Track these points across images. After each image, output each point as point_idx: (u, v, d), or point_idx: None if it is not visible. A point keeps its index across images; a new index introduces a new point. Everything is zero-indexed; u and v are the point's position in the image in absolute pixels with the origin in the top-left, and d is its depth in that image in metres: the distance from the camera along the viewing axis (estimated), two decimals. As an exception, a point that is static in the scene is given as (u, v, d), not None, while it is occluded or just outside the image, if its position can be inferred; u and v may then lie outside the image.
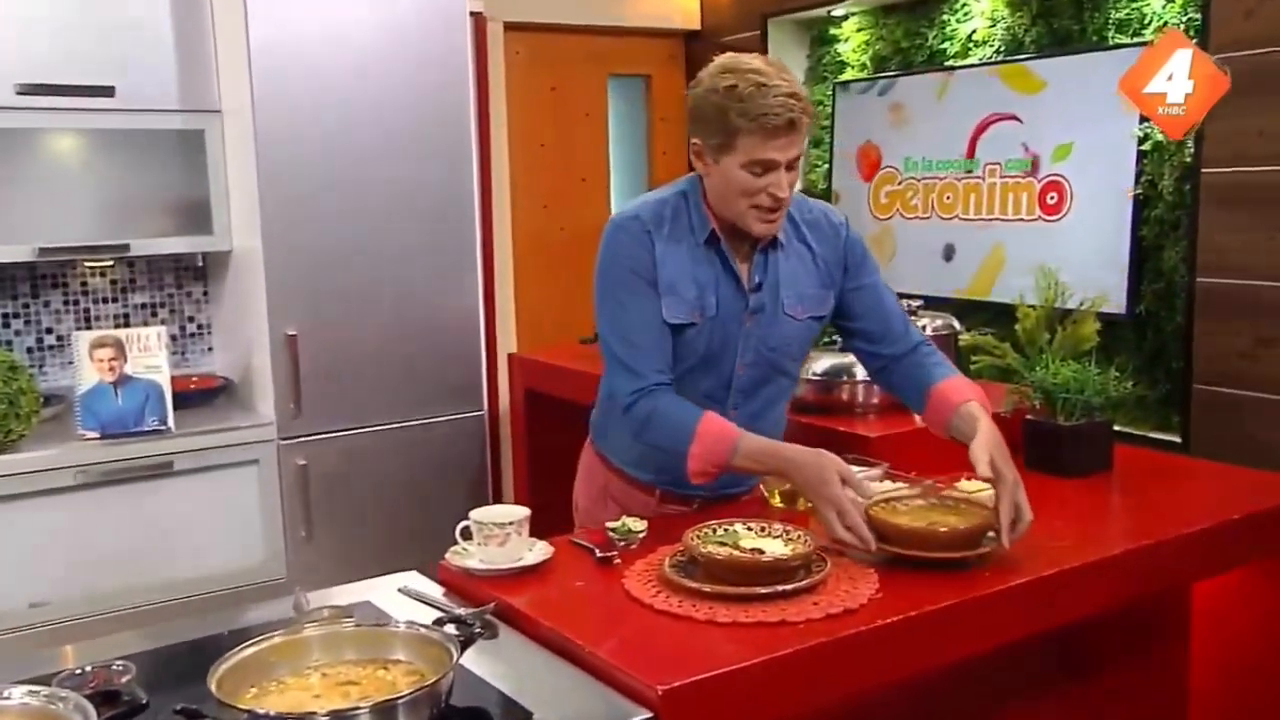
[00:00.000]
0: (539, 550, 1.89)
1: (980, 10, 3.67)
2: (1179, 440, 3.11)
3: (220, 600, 3.05)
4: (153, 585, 3.01)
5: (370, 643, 1.51)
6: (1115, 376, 2.41)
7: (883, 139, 4.00)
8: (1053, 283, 2.51)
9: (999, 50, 3.63)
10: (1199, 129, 2.94)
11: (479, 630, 1.55)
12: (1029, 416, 2.44)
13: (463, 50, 3.39)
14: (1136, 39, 3.20)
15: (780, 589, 1.69)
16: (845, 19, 4.15)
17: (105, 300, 3.48)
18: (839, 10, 4.09)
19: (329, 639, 1.51)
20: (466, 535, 1.88)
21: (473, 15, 3.63)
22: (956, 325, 2.97)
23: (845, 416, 2.62)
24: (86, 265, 3.42)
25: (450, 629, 1.53)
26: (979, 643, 1.79)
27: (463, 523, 1.88)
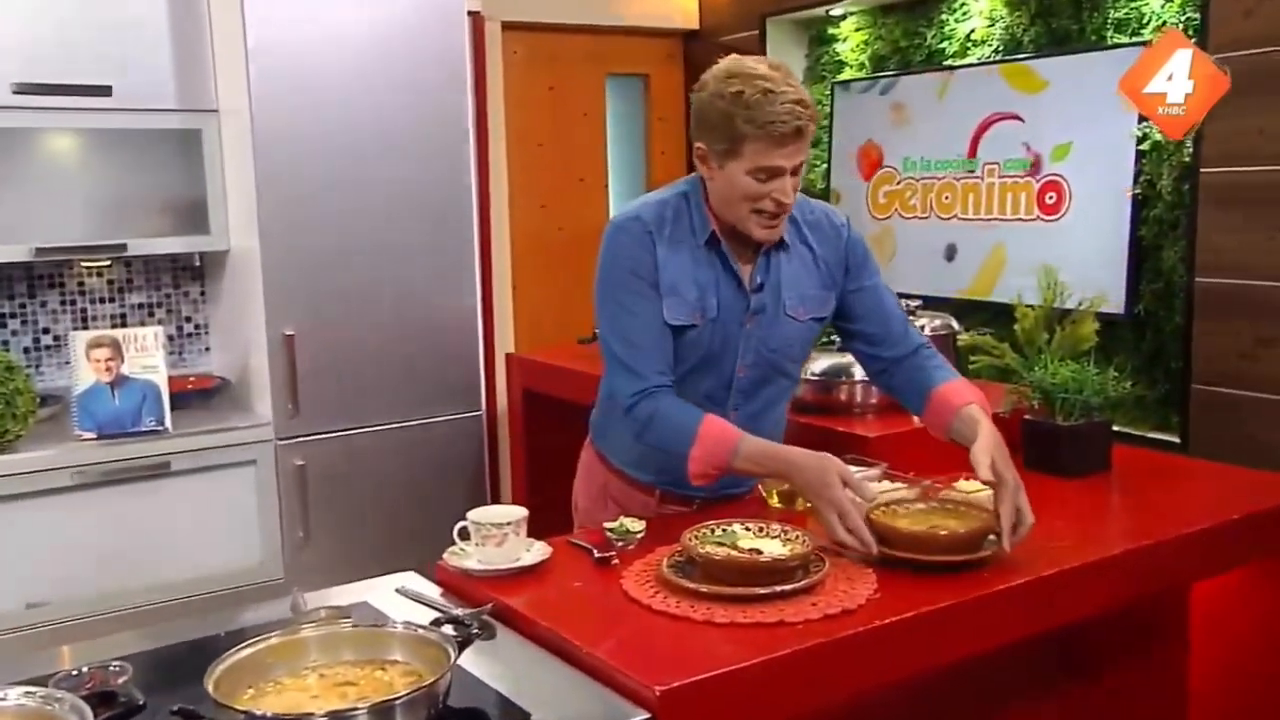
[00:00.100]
0: (537, 551, 1.89)
1: (979, 10, 3.67)
2: (1178, 440, 3.10)
3: (217, 601, 3.05)
4: (150, 586, 3.01)
5: (368, 643, 1.51)
6: (1114, 376, 2.41)
7: (884, 138, 3.99)
8: (1053, 282, 2.51)
9: (997, 50, 3.62)
10: (1198, 129, 2.94)
11: (477, 631, 1.55)
12: (1028, 417, 2.44)
13: (460, 50, 3.38)
14: (1135, 39, 3.20)
15: (778, 589, 1.69)
16: (844, 18, 4.15)
17: (102, 300, 3.47)
18: (837, 10, 4.09)
19: (326, 640, 1.51)
20: (464, 536, 1.88)
21: (471, 15, 3.62)
22: (955, 325, 2.96)
23: (844, 416, 2.62)
24: (83, 265, 3.41)
25: (448, 629, 1.53)
26: (978, 643, 1.79)
27: (460, 523, 1.88)
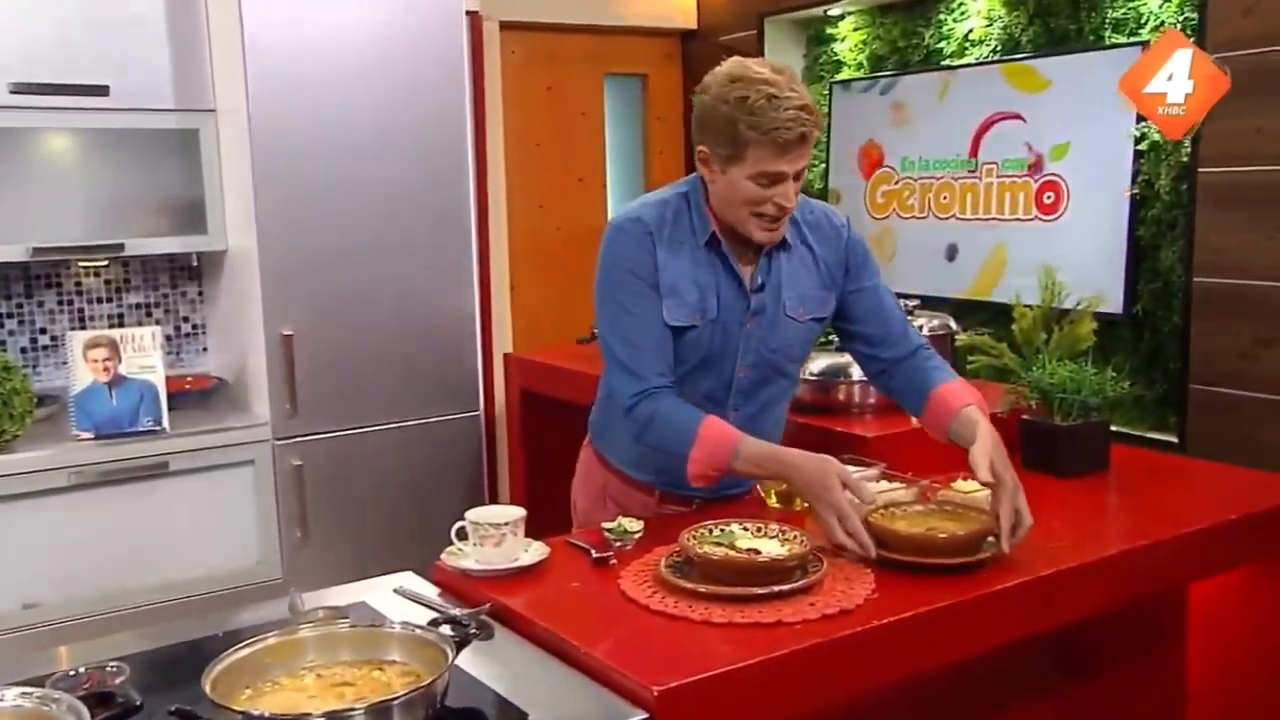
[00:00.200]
0: (535, 551, 1.89)
1: (977, 10, 3.67)
2: (1176, 440, 3.10)
3: (215, 601, 3.04)
4: (147, 586, 3.00)
5: (366, 644, 1.51)
6: (1112, 376, 2.41)
7: (885, 138, 3.99)
8: (1052, 282, 2.51)
9: (996, 50, 3.62)
10: (1197, 129, 2.94)
11: (474, 631, 1.55)
12: (1025, 416, 2.44)
13: (459, 49, 3.38)
14: (1134, 38, 3.20)
15: (776, 589, 1.69)
16: (842, 18, 4.15)
17: (100, 300, 3.47)
18: (835, 10, 4.08)
19: (324, 640, 1.51)
20: (462, 536, 1.88)
21: (469, 14, 3.62)
22: (953, 325, 2.96)
23: (842, 416, 2.62)
24: (81, 265, 3.41)
25: (446, 630, 1.53)
26: (976, 643, 1.79)
27: (458, 523, 1.88)
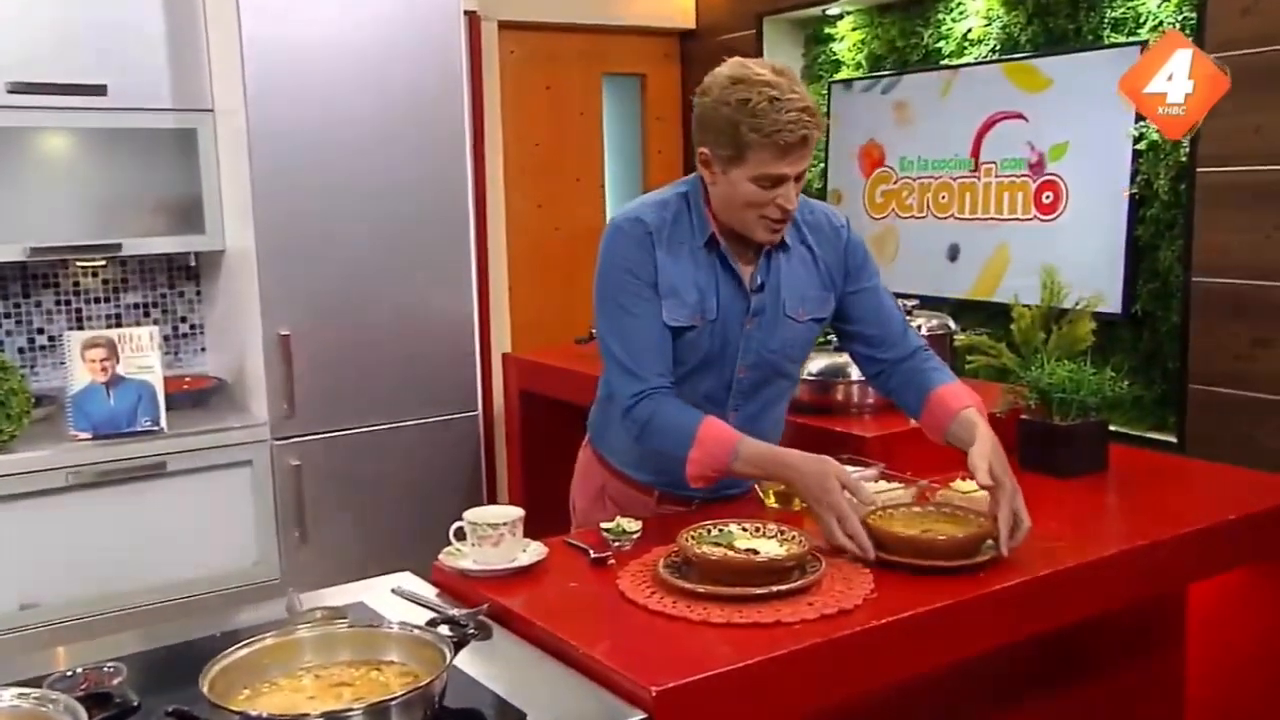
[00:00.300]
0: (533, 551, 1.89)
1: (976, 9, 3.67)
2: (1175, 440, 3.10)
3: (213, 601, 3.04)
4: (145, 586, 3.00)
5: (364, 644, 1.51)
6: (1111, 376, 2.41)
7: (887, 138, 3.99)
8: (1054, 282, 2.50)
9: (994, 49, 3.62)
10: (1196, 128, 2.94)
11: (473, 631, 1.55)
12: (1024, 416, 2.43)
13: (457, 49, 3.38)
14: (1132, 38, 3.20)
15: (775, 589, 1.69)
16: (840, 18, 4.15)
17: (97, 300, 3.46)
18: (834, 9, 4.09)
19: (322, 640, 1.50)
20: (460, 536, 1.88)
21: (467, 14, 3.61)
22: (952, 325, 2.96)
23: (841, 416, 2.62)
24: (78, 265, 3.41)
25: (444, 630, 1.53)
26: (974, 644, 1.78)
27: (456, 523, 1.88)
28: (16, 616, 2.87)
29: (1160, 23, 3.13)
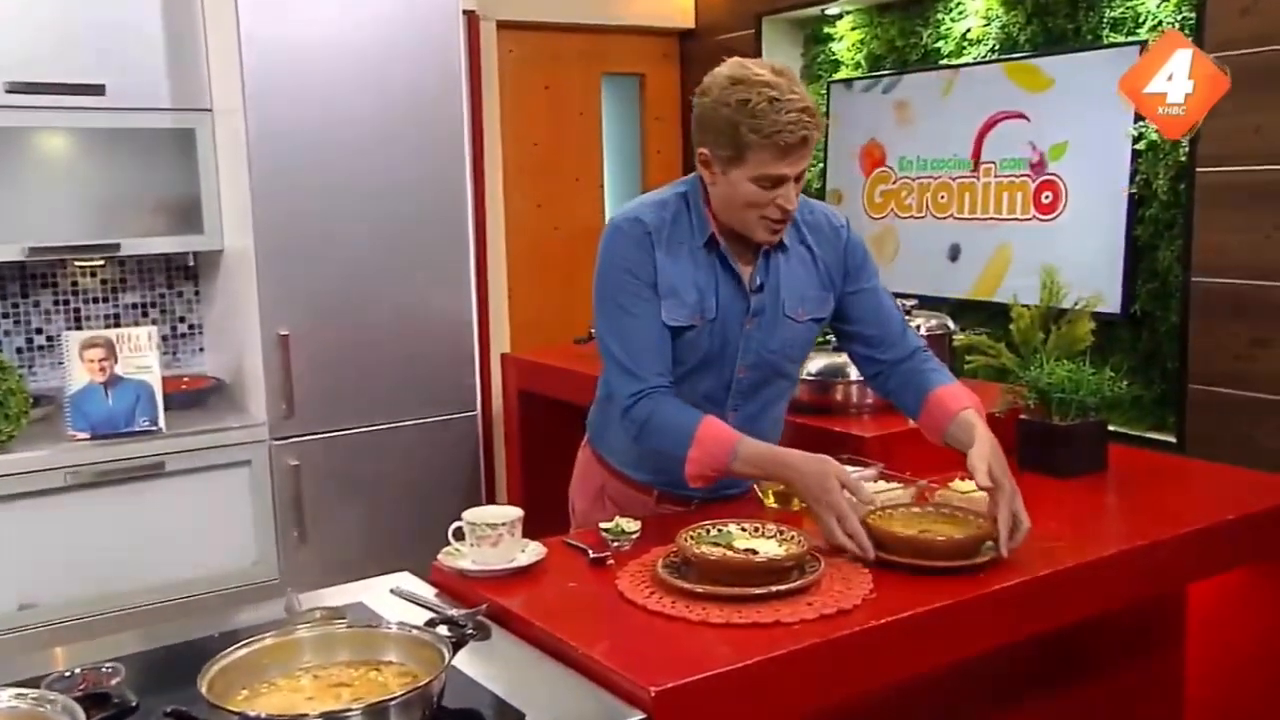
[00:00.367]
0: (532, 551, 1.88)
1: (975, 9, 3.67)
2: (1174, 440, 3.10)
3: (212, 602, 3.04)
4: (144, 587, 3.00)
5: (362, 644, 1.51)
6: (1110, 376, 2.41)
7: (888, 137, 3.98)
8: (1053, 282, 2.50)
9: (993, 49, 3.62)
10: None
11: (471, 631, 1.54)
12: (1023, 416, 2.43)
13: (456, 49, 3.37)
14: (1132, 38, 3.20)
15: (774, 590, 1.69)
16: (840, 18, 4.15)
17: (96, 300, 3.46)
18: (833, 9, 4.09)
19: (321, 640, 1.50)
20: (459, 536, 1.88)
21: (466, 14, 3.61)
22: (951, 325, 2.96)
23: (840, 416, 2.62)
24: (77, 265, 3.40)
25: (443, 630, 1.52)
26: (974, 644, 1.78)
27: (455, 524, 1.87)
28: (15, 616, 2.86)
29: (1160, 23, 3.13)
